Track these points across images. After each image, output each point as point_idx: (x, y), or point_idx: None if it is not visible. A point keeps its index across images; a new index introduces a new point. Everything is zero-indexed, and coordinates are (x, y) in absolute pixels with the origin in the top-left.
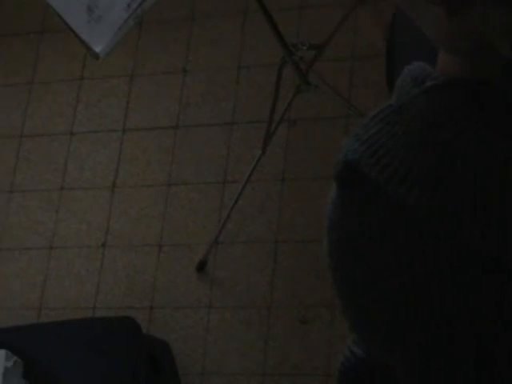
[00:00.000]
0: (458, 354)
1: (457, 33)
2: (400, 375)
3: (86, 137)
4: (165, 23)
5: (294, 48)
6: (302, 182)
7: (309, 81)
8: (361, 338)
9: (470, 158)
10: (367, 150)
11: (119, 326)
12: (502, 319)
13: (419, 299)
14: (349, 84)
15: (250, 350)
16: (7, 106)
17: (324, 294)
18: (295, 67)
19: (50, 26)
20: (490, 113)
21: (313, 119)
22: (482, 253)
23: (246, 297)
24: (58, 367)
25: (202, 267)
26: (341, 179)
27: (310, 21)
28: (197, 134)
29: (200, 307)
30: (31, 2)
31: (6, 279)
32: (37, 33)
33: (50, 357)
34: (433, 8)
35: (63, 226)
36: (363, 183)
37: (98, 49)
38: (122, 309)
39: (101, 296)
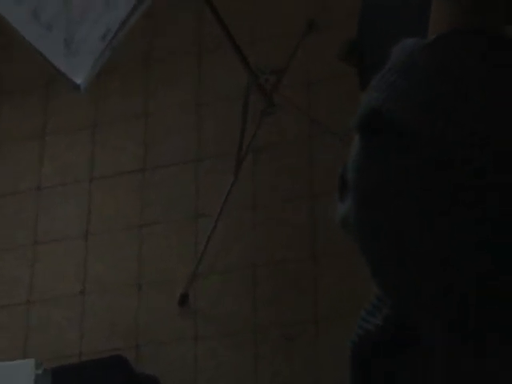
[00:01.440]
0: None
1: None
2: (424, 327)
3: (54, 190)
4: (121, 68)
5: (259, 72)
6: (273, 206)
7: (274, 102)
8: (381, 284)
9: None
10: (387, 98)
11: (109, 365)
12: None
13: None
14: (309, 104)
15: (241, 374)
16: None
17: (307, 309)
18: (261, 90)
19: (7, 86)
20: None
21: (277, 143)
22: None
23: (231, 323)
24: None
25: (183, 300)
26: (365, 128)
27: (265, 51)
28: (164, 174)
29: (186, 339)
30: None
31: None
32: None
33: None
34: None
35: (40, 279)
36: (387, 128)
37: (78, 81)
38: (108, 351)
39: (85, 342)
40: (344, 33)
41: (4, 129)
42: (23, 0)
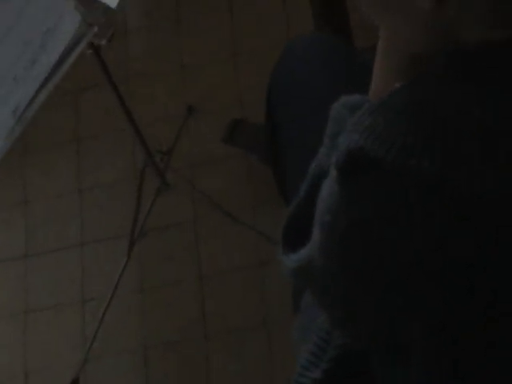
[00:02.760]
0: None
1: (434, 25)
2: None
3: None
4: None
5: (155, 152)
6: (162, 288)
7: (167, 182)
8: (350, 326)
9: (463, 119)
10: (369, 137)
11: None
12: None
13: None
14: (195, 186)
15: None
16: None
17: None
18: (155, 170)
19: None
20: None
21: (165, 224)
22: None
23: None
24: None
25: None
26: (344, 170)
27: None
28: (48, 260)
29: None
30: None
31: None
32: None
33: None
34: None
35: None
36: (367, 171)
37: None
38: None
39: None
40: (225, 117)
41: None
42: None
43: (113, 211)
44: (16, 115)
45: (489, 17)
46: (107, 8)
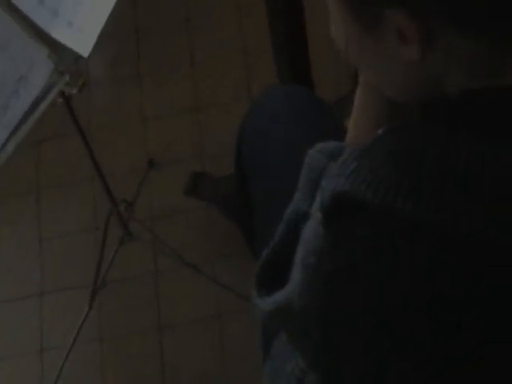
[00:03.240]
0: None
1: (419, 75)
2: None
3: None
4: None
5: (119, 201)
6: (122, 338)
7: (130, 232)
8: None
9: (448, 164)
10: (355, 180)
11: None
12: None
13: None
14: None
15: None
16: None
17: None
18: (119, 219)
19: None
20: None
21: (126, 274)
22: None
23: None
24: None
25: None
26: (329, 213)
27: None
28: (7, 309)
29: None
30: None
31: None
32: None
33: None
34: (406, 48)
35: None
36: (353, 213)
37: None
38: None
39: None
40: (186, 169)
41: None
42: None
43: (73, 261)
44: None
45: (472, 67)
46: (79, 57)
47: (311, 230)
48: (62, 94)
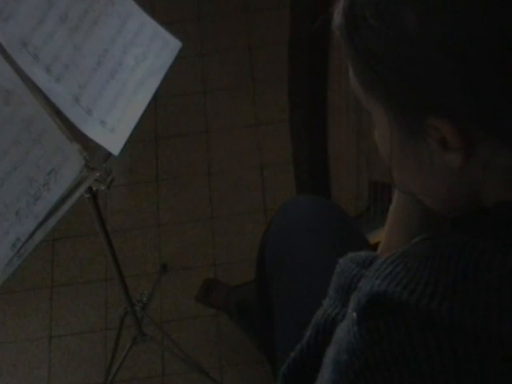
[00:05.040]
0: None
1: (459, 183)
2: None
3: None
4: None
5: (137, 301)
6: None
7: (144, 332)
8: None
9: (483, 271)
10: (392, 282)
11: None
12: None
13: None
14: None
15: None
16: None
17: None
18: (134, 318)
19: None
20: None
21: (131, 379)
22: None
23: None
24: None
25: None
26: (365, 313)
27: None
28: None
29: None
30: None
31: None
32: None
33: None
34: (448, 156)
35: None
36: (388, 314)
37: None
38: None
39: None
40: (198, 275)
41: None
42: None
43: (81, 360)
44: (15, 248)
45: (510, 177)
46: (109, 154)
47: (345, 330)
48: (89, 189)
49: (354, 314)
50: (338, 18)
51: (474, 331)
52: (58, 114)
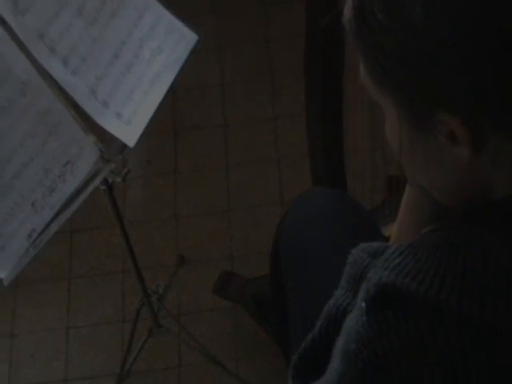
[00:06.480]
0: None
1: (468, 176)
2: None
3: None
4: None
5: (152, 293)
6: None
7: (160, 324)
8: None
9: (491, 263)
10: (400, 272)
11: None
12: None
13: None
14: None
15: None
16: None
17: None
18: (150, 310)
19: None
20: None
21: (148, 370)
22: None
23: None
24: None
25: None
26: (374, 304)
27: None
28: None
29: None
30: None
31: None
32: None
33: None
34: (457, 150)
35: None
36: (396, 304)
37: (2, 275)
38: None
39: None
40: (215, 268)
41: None
42: None
43: (98, 350)
44: (30, 239)
45: None
46: (125, 146)
47: (354, 320)
48: (105, 181)
49: (363, 304)
50: (347, 12)
51: (482, 323)
52: (74, 106)
